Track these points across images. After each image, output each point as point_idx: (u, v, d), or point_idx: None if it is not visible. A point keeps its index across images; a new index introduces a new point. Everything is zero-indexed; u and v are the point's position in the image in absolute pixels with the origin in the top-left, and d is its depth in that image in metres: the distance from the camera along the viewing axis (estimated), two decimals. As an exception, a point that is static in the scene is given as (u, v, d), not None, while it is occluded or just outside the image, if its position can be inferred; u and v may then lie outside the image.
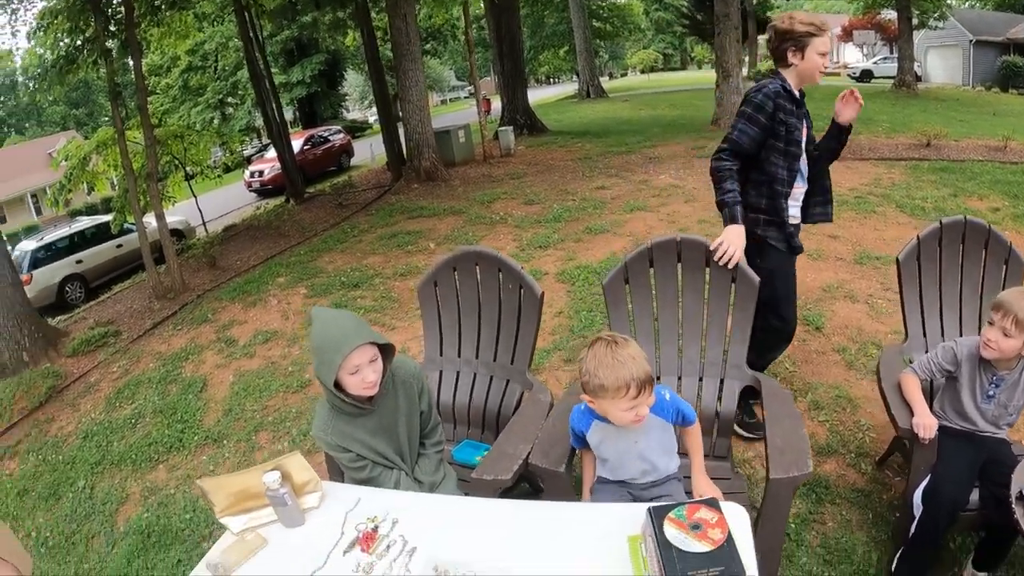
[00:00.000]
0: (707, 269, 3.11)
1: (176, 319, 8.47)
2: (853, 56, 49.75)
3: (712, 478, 2.55)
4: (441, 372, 3.49)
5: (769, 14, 48.16)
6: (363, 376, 2.29)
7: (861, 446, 3.78)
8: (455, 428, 3.47)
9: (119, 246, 16.36)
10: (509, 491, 2.50)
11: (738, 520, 1.83)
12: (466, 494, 2.65)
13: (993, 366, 2.66)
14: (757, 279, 3.02)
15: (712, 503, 1.77)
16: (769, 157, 3.31)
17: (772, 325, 3.56)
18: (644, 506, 1.82)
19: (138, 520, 4.45)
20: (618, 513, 2.01)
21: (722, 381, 3.11)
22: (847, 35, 49.55)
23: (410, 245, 9.24)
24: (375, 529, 2.09)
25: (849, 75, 41.88)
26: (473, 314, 3.42)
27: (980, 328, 3.24)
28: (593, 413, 2.36)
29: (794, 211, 3.50)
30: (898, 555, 2.74)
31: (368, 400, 2.41)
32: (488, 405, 3.36)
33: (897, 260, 3.34)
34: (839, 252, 6.59)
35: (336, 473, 2.86)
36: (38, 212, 37.81)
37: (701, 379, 3.15)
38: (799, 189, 3.47)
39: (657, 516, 1.73)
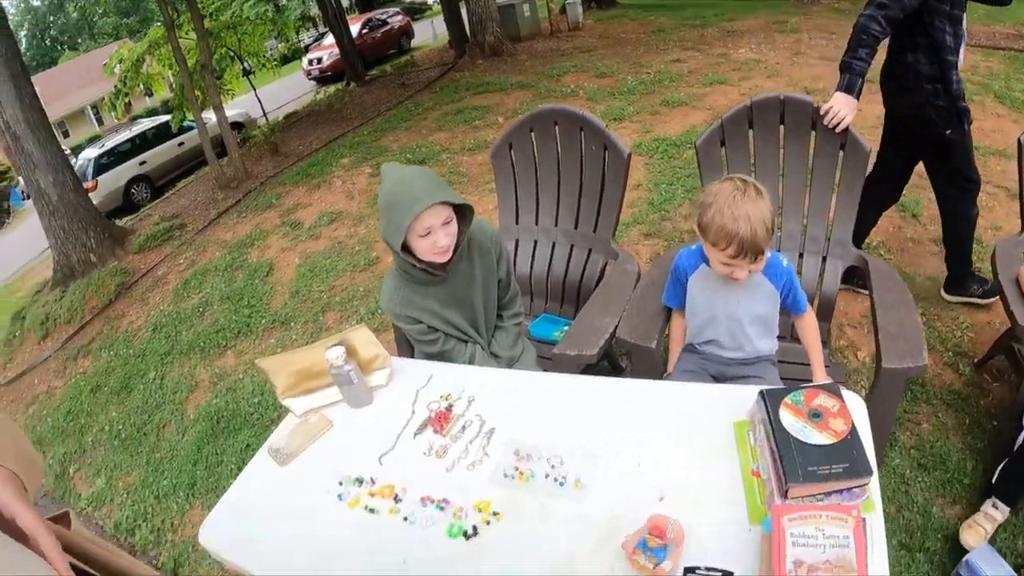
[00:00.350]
0: (813, 133, 2.69)
1: (240, 207, 8.38)
2: None
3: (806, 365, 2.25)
4: (517, 242, 3.18)
5: None
6: (435, 239, 2.02)
7: (959, 345, 3.37)
8: (531, 301, 3.18)
9: (180, 144, 16.23)
10: (588, 369, 2.23)
11: (858, 412, 1.53)
12: (545, 371, 2.38)
13: None
14: (868, 147, 2.58)
15: (833, 388, 1.49)
16: (933, 21, 2.82)
17: (964, 191, 3.21)
18: (751, 388, 1.59)
19: (207, 407, 4.40)
20: (720, 394, 1.75)
21: (824, 259, 2.72)
22: None
23: (477, 120, 8.86)
24: (449, 408, 1.90)
25: None
26: (552, 178, 3.07)
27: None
28: (703, 256, 2.10)
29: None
30: (1001, 468, 2.37)
31: (441, 267, 2.15)
32: (568, 277, 3.06)
33: (1019, 141, 2.83)
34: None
35: (406, 350, 2.65)
36: (99, 123, 37.98)
37: (801, 255, 2.77)
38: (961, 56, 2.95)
39: (771, 400, 1.48)
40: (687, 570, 1.26)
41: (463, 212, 2.12)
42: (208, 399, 4.50)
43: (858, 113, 2.67)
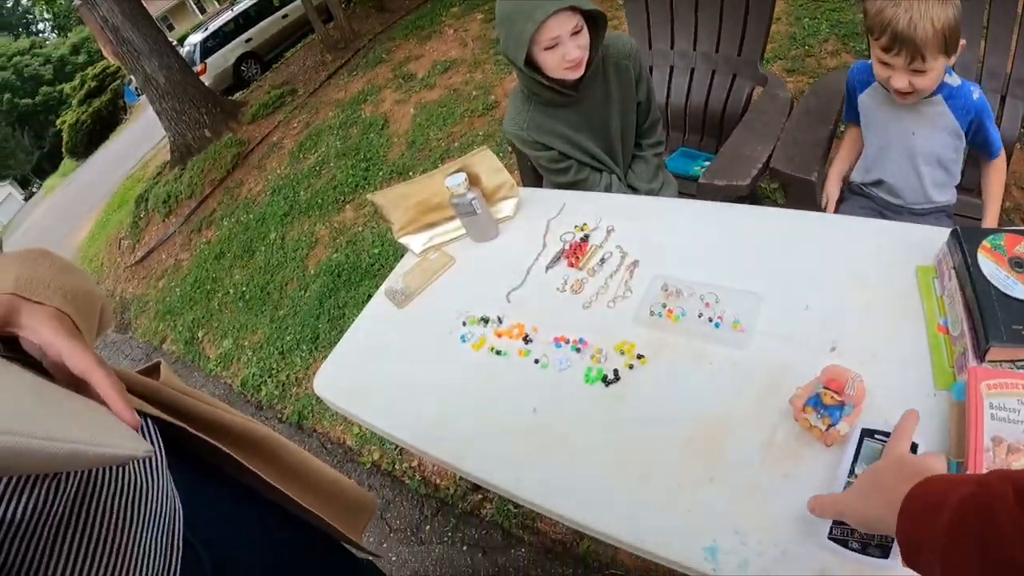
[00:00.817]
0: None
1: (350, 66, 8.15)
2: None
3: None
4: (651, 68, 2.69)
5: None
6: (564, 51, 1.70)
7: None
8: (668, 134, 2.71)
9: (285, 16, 15.97)
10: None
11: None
12: (690, 202, 1.98)
13: None
14: None
15: (1037, 236, 1.16)
16: None
17: None
18: (939, 229, 1.29)
19: (327, 262, 4.24)
20: (901, 233, 1.38)
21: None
22: None
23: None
24: (585, 239, 1.64)
25: None
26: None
27: None
28: (873, 72, 1.70)
29: None
30: None
31: (572, 85, 1.82)
32: (710, 105, 2.59)
33: None
34: None
35: (532, 180, 2.32)
36: (202, 11, 38.55)
37: (1003, 99, 2.08)
38: None
39: (968, 242, 1.14)
40: (864, 432, 1.02)
41: (596, 21, 1.77)
42: (328, 254, 4.35)
43: None
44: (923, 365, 1.11)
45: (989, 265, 1.11)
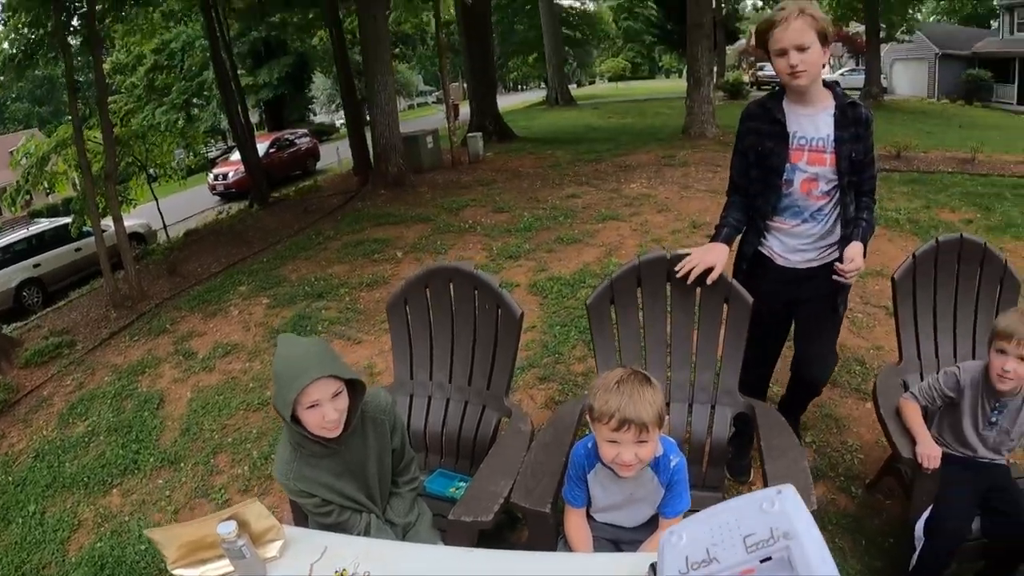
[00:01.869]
0: (698, 289, 2.93)
1: (133, 329, 8.18)
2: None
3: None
4: (412, 396, 3.28)
5: (738, 25, 48.95)
6: (323, 412, 2.04)
7: (850, 468, 3.64)
8: (427, 456, 3.24)
9: (78, 250, 15.83)
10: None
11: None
12: (442, 531, 2.48)
13: (996, 392, 2.54)
14: (750, 299, 2.85)
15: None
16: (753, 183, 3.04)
17: None
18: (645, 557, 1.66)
19: (91, 550, 4.20)
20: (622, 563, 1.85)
21: (713, 407, 2.93)
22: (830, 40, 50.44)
23: (376, 254, 9.00)
24: None
25: None
26: (446, 335, 3.22)
27: (975, 350, 3.16)
28: (597, 454, 2.16)
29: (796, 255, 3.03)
30: None
31: (334, 439, 2.17)
32: (463, 433, 3.15)
33: (893, 280, 3.20)
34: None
35: (300, 515, 2.64)
36: (-4, 214, 36.94)
37: (691, 405, 2.98)
38: (792, 226, 2.98)
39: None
40: None
41: (355, 384, 2.16)
42: (92, 542, 4.29)
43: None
44: None
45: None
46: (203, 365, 6.46)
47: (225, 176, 24.69)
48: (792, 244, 2.99)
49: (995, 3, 38.01)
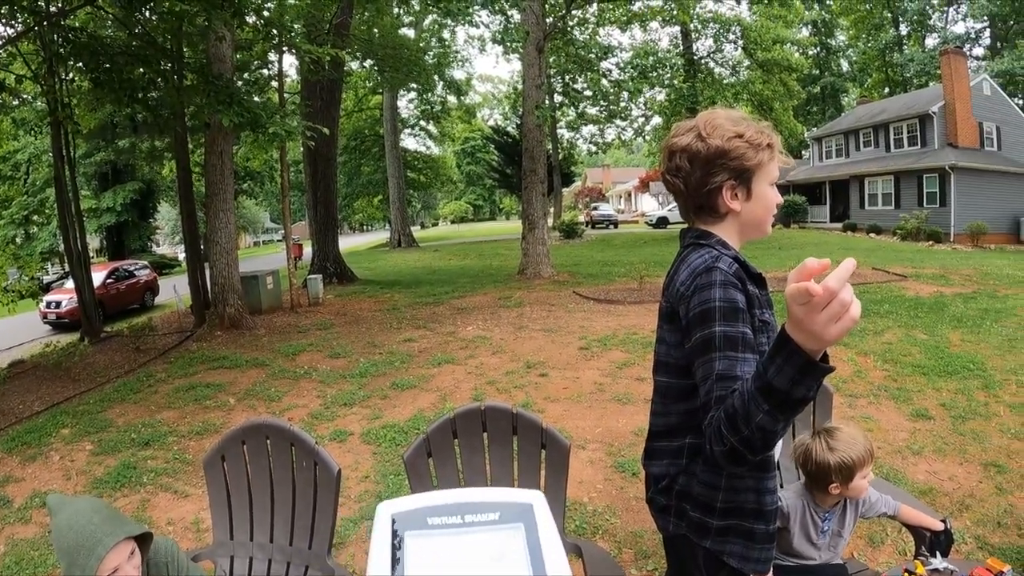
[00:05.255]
0: (514, 438, 3.03)
1: (-62, 474, 7.50)
2: (650, 205, 54.37)
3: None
4: (232, 558, 3.16)
5: (573, 168, 51.88)
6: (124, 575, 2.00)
7: None
8: None
9: None
10: None
11: None
12: None
13: (820, 503, 2.68)
14: (567, 444, 2.96)
15: None
16: None
17: None
18: None
19: None
20: None
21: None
22: (644, 186, 54.50)
23: (208, 400, 8.71)
24: None
25: (647, 222, 46.61)
26: (265, 493, 3.17)
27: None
28: None
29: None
30: None
31: None
32: None
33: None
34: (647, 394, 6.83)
35: None
36: None
37: None
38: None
39: None
40: None
41: (144, 539, 2.14)
42: None
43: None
44: None
45: None
46: (19, 516, 5.96)
47: (59, 304, 23.25)
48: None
49: (804, 137, 41.93)
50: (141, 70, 12.25)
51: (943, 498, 4.84)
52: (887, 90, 53.97)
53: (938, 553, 2.56)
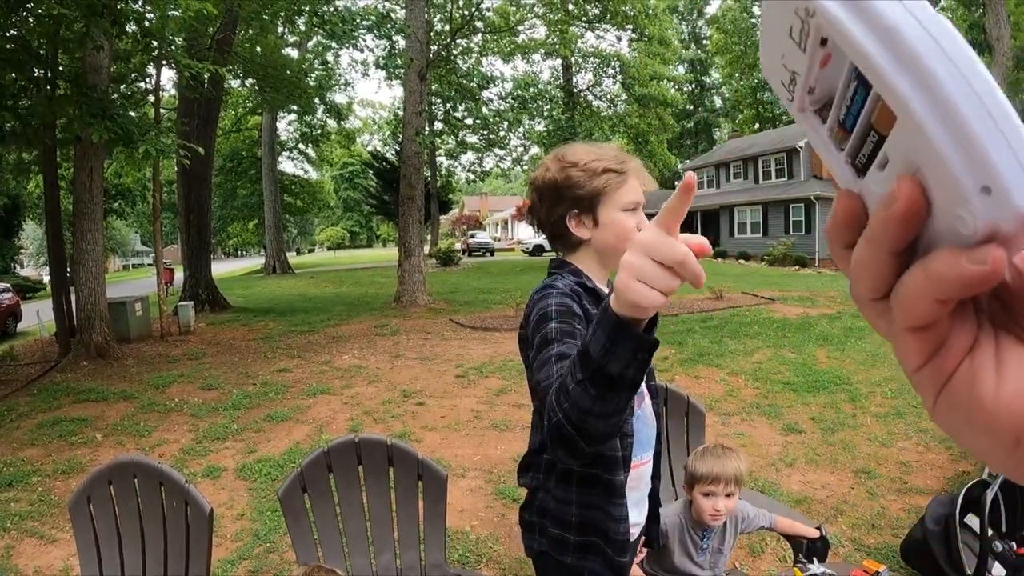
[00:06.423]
0: (390, 469, 3.08)
1: None
2: (527, 233, 55.44)
3: None
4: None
5: (451, 195, 52.24)
6: None
7: None
8: None
9: None
10: None
11: None
12: None
13: (700, 522, 2.81)
14: (444, 473, 3.04)
15: None
16: None
17: None
18: None
19: None
20: None
21: (423, 584, 3.05)
22: (521, 214, 55.72)
23: (74, 435, 8.30)
24: None
25: (523, 250, 48.17)
26: (136, 536, 3.12)
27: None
28: None
29: (635, 514, 1.99)
30: None
31: None
32: None
33: None
34: (525, 421, 6.95)
35: None
36: None
37: None
38: (643, 466, 2.03)
39: None
40: None
41: None
42: None
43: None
44: None
45: None
46: None
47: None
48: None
49: (678, 168, 43.70)
50: (13, 75, 11.66)
51: (818, 505, 5.19)
52: (757, 126, 57.08)
53: (815, 559, 2.76)
